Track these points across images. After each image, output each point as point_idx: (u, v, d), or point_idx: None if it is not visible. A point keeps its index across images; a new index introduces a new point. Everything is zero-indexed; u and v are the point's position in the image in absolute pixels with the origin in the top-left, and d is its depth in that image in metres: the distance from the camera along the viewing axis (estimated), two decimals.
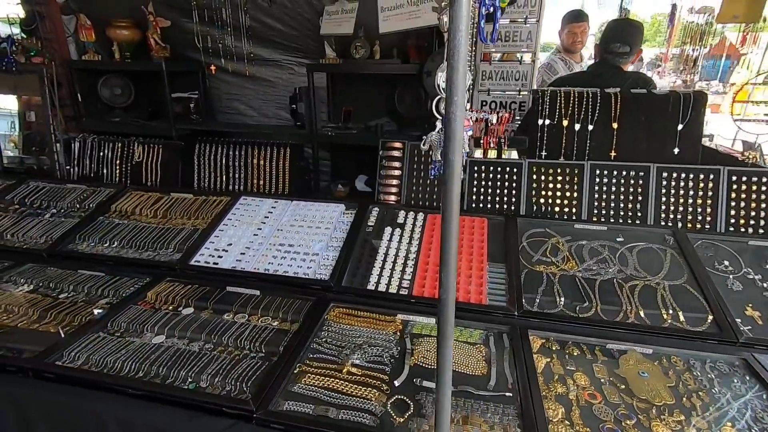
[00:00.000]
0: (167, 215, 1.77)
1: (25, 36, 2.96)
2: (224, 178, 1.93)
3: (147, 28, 3.04)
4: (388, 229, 1.58)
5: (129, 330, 1.21)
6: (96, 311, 1.27)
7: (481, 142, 1.74)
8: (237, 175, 1.92)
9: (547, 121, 1.69)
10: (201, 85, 3.42)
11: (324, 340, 1.17)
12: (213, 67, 3.09)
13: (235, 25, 3.08)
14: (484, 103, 2.69)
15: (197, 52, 3.45)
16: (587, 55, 4.15)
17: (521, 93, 2.56)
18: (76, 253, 1.57)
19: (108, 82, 3.06)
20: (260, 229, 1.64)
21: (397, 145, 1.74)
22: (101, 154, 2.07)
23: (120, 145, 2.06)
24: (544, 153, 1.71)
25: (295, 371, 1.06)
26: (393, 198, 1.73)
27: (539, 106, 1.70)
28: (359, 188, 2.90)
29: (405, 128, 2.96)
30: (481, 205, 1.69)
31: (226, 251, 1.54)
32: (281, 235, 1.60)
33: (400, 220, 1.62)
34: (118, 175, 2.05)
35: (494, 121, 1.69)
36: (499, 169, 1.69)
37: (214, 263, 1.49)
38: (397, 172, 1.72)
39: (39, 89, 2.05)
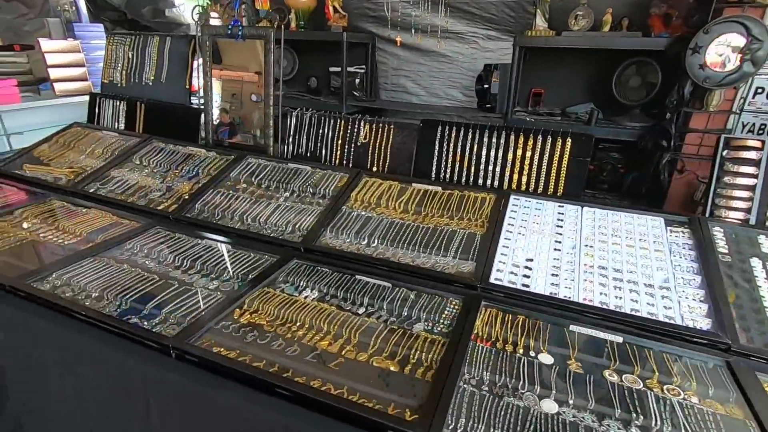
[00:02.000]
0: (422, 211, 1.47)
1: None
2: (474, 170, 1.59)
3: None
4: (754, 262, 1.15)
5: None
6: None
7: None
8: (491, 168, 1.57)
9: None
10: (369, 59, 3.13)
11: None
12: (398, 39, 2.77)
13: None
14: None
15: (369, 21, 3.15)
16: None
17: None
18: (334, 251, 1.32)
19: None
20: (558, 242, 1.28)
21: (754, 144, 1.28)
22: (320, 131, 1.83)
23: (343, 123, 1.80)
24: None
25: None
26: (738, 215, 1.28)
27: None
28: None
29: (617, 116, 2.46)
30: None
31: (530, 269, 1.20)
32: (595, 254, 1.23)
33: (765, 248, 1.18)
34: (338, 156, 1.80)
35: None
36: None
37: (523, 285, 1.16)
38: (749, 181, 1.27)
39: (261, 56, 1.84)
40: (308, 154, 1.86)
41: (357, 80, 3.15)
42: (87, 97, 2.95)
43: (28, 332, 1.09)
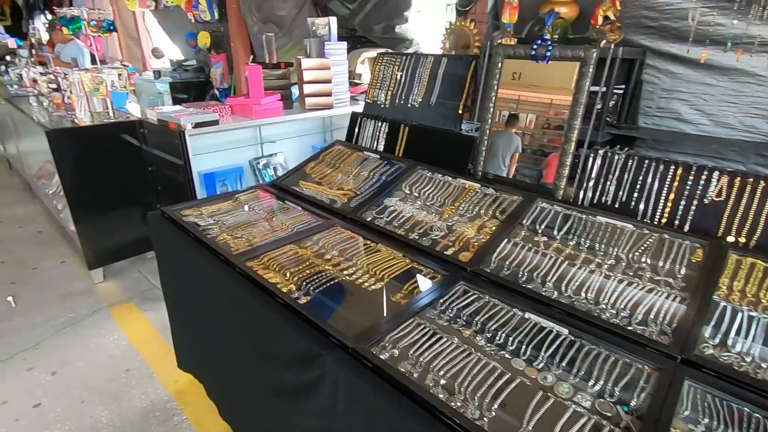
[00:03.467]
0: None
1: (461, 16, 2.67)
2: None
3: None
4: None
5: None
6: None
7: None
8: None
9: None
10: (632, 78, 2.59)
11: None
12: (704, 54, 2.20)
13: None
14: None
15: (642, 33, 2.61)
16: None
17: None
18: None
19: None
20: None
21: None
22: (638, 178, 1.43)
23: (680, 171, 1.37)
24: None
25: None
26: None
27: None
28: None
29: None
30: None
31: None
32: None
33: None
34: (667, 214, 1.38)
35: None
36: None
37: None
38: None
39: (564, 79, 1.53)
40: (617, 205, 1.48)
41: (611, 102, 2.65)
42: (329, 111, 3.15)
43: None
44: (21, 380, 2.10)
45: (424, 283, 1.29)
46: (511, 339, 1.05)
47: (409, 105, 2.07)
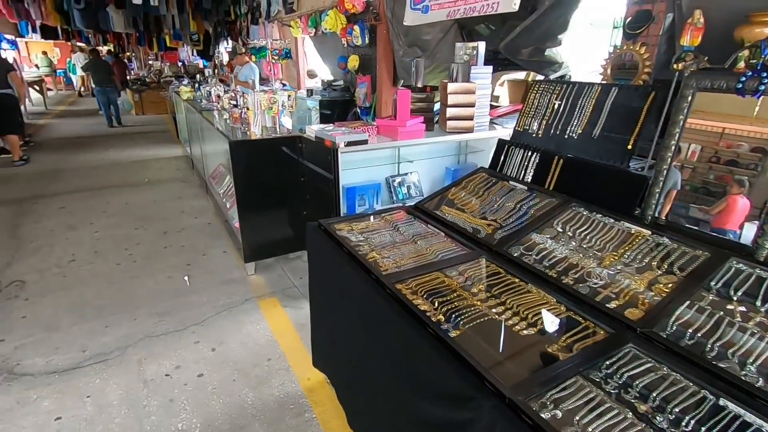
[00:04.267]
0: None
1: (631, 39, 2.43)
2: None
3: None
4: None
5: None
6: None
7: None
8: None
9: None
10: None
11: None
12: None
13: None
14: None
15: None
16: None
17: None
18: None
19: None
20: None
21: None
22: None
23: None
24: None
25: None
26: None
27: None
28: None
29: None
30: None
31: None
32: None
33: None
34: None
35: None
36: None
37: None
38: None
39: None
40: None
41: None
42: (467, 135, 3.15)
43: None
44: (191, 351, 2.50)
45: (585, 339, 1.18)
46: (703, 430, 0.89)
47: (566, 136, 1.94)
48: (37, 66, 17.16)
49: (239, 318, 2.81)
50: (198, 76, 9.11)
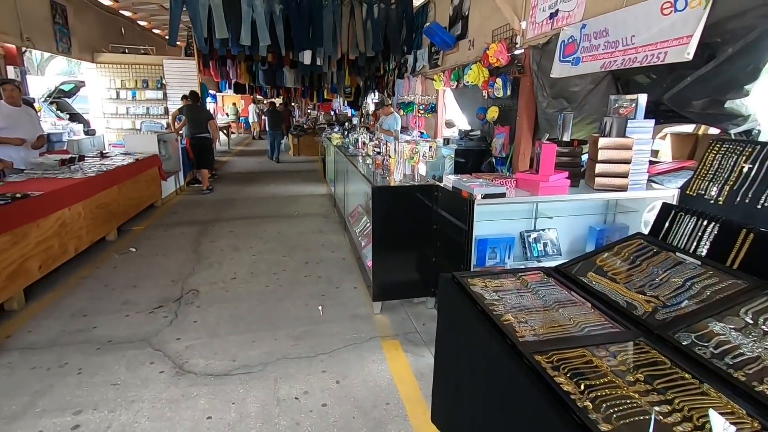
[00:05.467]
0: None
1: None
2: None
3: None
4: None
5: None
6: None
7: None
8: None
9: None
10: None
11: None
12: None
13: None
14: None
15: None
16: None
17: None
18: None
19: None
20: None
21: None
22: None
23: None
24: None
25: None
26: None
27: None
28: None
29: None
30: None
31: None
32: None
33: None
34: None
35: None
36: None
37: None
38: None
39: None
40: None
41: None
42: (619, 194, 2.86)
43: None
44: (318, 378, 2.68)
45: None
46: None
47: (758, 206, 1.62)
48: (227, 114, 21.59)
49: (363, 355, 2.92)
50: (347, 123, 10.27)
